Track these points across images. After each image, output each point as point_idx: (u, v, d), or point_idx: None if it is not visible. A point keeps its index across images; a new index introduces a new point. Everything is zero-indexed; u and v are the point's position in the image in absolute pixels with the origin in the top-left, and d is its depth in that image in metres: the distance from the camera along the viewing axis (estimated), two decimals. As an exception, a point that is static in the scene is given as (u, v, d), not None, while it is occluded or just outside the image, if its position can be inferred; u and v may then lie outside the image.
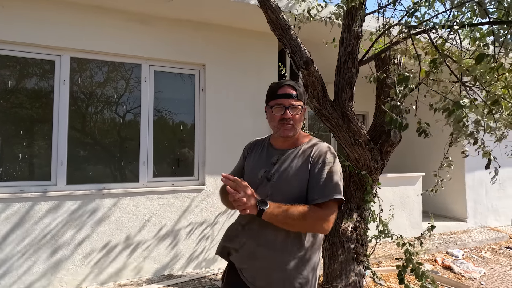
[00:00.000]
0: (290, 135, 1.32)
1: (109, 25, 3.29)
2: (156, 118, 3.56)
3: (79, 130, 3.30)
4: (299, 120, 1.33)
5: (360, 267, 2.57)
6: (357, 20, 2.10)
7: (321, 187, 1.23)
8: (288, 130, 1.31)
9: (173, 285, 3.09)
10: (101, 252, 3.13)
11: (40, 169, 3.10)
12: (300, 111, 1.32)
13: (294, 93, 1.30)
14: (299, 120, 1.33)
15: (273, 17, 2.16)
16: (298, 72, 2.30)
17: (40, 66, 3.17)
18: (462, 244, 4.58)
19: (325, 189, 1.23)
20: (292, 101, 1.29)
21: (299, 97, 1.31)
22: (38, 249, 2.92)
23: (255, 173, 1.37)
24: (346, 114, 2.30)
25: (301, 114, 1.33)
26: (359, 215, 2.61)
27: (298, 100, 1.31)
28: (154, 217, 3.35)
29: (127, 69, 3.49)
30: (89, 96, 3.35)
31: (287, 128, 1.31)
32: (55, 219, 2.99)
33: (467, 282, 3.47)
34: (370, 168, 2.52)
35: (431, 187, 2.52)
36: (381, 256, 3.99)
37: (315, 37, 3.64)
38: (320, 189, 1.23)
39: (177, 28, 3.57)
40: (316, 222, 1.20)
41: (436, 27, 1.59)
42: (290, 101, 1.29)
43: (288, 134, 1.32)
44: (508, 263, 4.10)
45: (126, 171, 3.44)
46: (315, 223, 1.20)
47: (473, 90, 1.85)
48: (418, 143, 5.93)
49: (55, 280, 2.96)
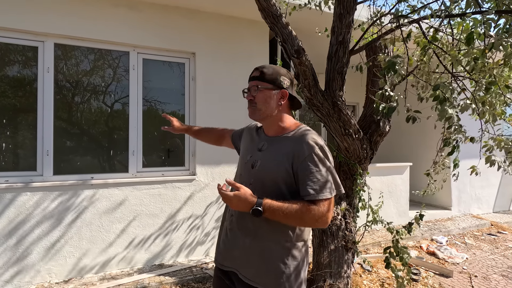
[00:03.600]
0: (253, 118, 1.32)
1: (95, 10, 3.17)
2: (145, 107, 3.49)
3: (65, 119, 3.22)
4: (264, 101, 1.28)
5: (349, 254, 2.63)
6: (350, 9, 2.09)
7: (313, 184, 1.17)
8: (250, 112, 1.31)
9: (164, 274, 3.10)
10: (91, 243, 3.10)
11: (25, 160, 3.02)
12: (258, 91, 1.28)
13: (256, 75, 1.30)
14: (263, 102, 1.28)
15: (264, 5, 2.13)
16: (290, 61, 2.29)
17: (22, 53, 3.05)
18: (446, 231, 4.74)
19: (318, 186, 1.17)
20: (253, 83, 1.30)
21: (261, 78, 1.29)
22: (25, 241, 2.87)
23: (244, 158, 1.38)
24: (337, 104, 2.31)
25: (265, 95, 1.28)
26: (348, 203, 2.66)
27: (261, 81, 1.28)
28: (145, 208, 3.33)
29: (115, 57, 3.40)
30: (75, 84, 3.25)
31: (249, 110, 1.31)
32: (42, 210, 2.94)
33: (450, 267, 3.61)
34: (360, 157, 2.55)
35: (423, 189, 2.56)
36: (369, 243, 4.09)
37: (307, 27, 3.61)
38: (313, 186, 1.17)
39: (166, 15, 3.47)
40: (316, 221, 1.17)
41: (426, 17, 1.60)
42: (252, 83, 1.30)
43: (250, 116, 1.31)
44: (489, 249, 4.28)
45: (115, 161, 3.39)
46: (315, 222, 1.18)
47: (463, 83, 1.88)
48: (406, 133, 6.04)
49: (44, 271, 2.93)
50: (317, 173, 1.18)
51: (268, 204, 1.13)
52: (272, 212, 1.14)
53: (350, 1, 2.17)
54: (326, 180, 1.19)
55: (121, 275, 3.10)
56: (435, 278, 3.33)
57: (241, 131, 1.59)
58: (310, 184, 1.17)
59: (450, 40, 1.95)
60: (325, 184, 1.19)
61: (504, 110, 2.12)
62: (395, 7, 2.01)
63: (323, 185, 1.18)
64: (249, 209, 1.13)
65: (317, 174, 1.18)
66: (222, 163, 3.70)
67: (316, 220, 1.16)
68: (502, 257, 4.00)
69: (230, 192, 1.14)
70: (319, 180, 1.18)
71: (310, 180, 1.17)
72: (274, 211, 1.14)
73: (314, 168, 1.18)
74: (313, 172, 1.18)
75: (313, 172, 1.18)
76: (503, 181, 6.18)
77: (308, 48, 2.36)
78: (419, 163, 5.59)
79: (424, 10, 1.73)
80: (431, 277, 3.36)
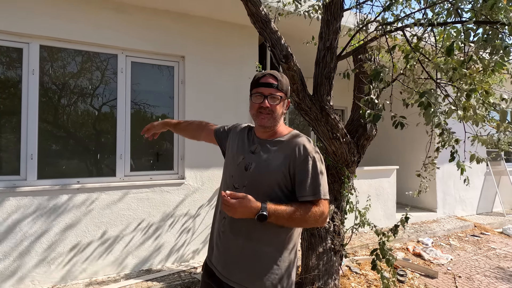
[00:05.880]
0: (266, 125, 1.30)
1: (83, 13, 3.13)
2: (134, 111, 3.46)
3: (51, 122, 3.15)
4: (279, 111, 1.31)
5: (337, 257, 2.66)
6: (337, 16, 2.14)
7: (312, 184, 1.23)
8: (265, 119, 1.29)
9: (152, 280, 3.06)
10: (76, 249, 3.04)
11: (8, 164, 2.94)
12: (279, 102, 1.30)
13: (275, 83, 1.29)
14: (279, 111, 1.31)
15: (253, 10, 2.15)
16: (278, 66, 2.31)
17: (6, 54, 2.98)
18: (431, 233, 4.84)
19: (317, 187, 1.24)
20: (272, 91, 1.28)
21: (280, 87, 1.30)
22: (7, 247, 2.79)
23: (235, 159, 1.37)
24: (325, 108, 2.35)
25: (281, 105, 1.31)
26: (336, 206, 2.69)
27: (279, 90, 1.30)
28: (132, 212, 3.28)
29: (103, 60, 3.36)
30: (62, 87, 3.20)
31: (265, 117, 1.29)
32: (26, 216, 2.86)
33: (435, 268, 3.69)
34: (347, 161, 2.59)
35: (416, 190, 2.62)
36: (357, 246, 4.14)
37: (295, 32, 3.66)
38: (312, 187, 1.23)
39: (155, 18, 3.46)
40: (317, 220, 1.23)
41: (410, 25, 1.65)
42: (270, 90, 1.28)
43: (265, 123, 1.30)
44: (472, 250, 4.39)
45: (102, 165, 3.33)
46: (315, 222, 1.24)
47: (445, 89, 1.95)
48: (393, 137, 6.16)
49: (27, 279, 2.84)
50: (315, 174, 1.25)
51: (273, 208, 1.16)
52: (277, 216, 1.16)
53: (337, 8, 2.22)
54: (323, 181, 1.27)
55: (108, 281, 3.04)
56: (421, 279, 3.40)
57: (227, 130, 1.56)
58: (309, 185, 1.23)
59: (433, 48, 2.02)
60: (323, 185, 1.25)
61: (485, 115, 2.20)
62: (380, 15, 2.07)
63: (322, 185, 1.25)
64: (254, 215, 1.14)
65: (315, 176, 1.25)
66: (211, 167, 3.69)
67: (316, 219, 1.22)
68: (484, 257, 4.11)
69: (235, 200, 1.13)
70: (317, 181, 1.24)
71: (309, 182, 1.23)
72: (278, 215, 1.16)
73: (312, 170, 1.25)
74: (312, 173, 1.24)
75: (312, 173, 1.24)
76: (486, 184, 6.37)
77: (297, 53, 2.40)
78: (406, 166, 5.71)
79: (407, 19, 1.79)
80: (417, 278, 3.42)
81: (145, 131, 1.78)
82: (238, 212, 1.13)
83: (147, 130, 1.77)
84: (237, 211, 1.13)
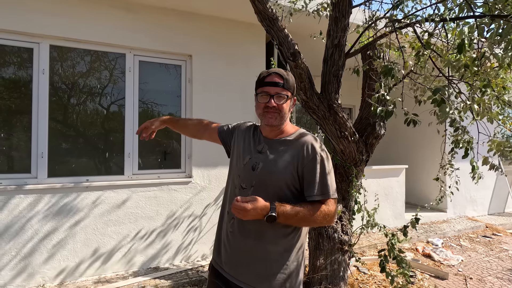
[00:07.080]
0: (274, 124, 1.29)
1: (92, 12, 3.16)
2: (141, 109, 3.48)
3: (60, 121, 3.19)
4: (286, 110, 1.29)
5: (345, 257, 2.63)
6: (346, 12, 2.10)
7: (320, 184, 1.23)
8: (272, 118, 1.27)
9: (159, 278, 3.08)
10: (85, 246, 3.08)
11: (19, 162, 3.00)
12: (285, 100, 1.28)
13: (281, 82, 1.26)
14: (285, 110, 1.29)
15: (260, 8, 2.14)
16: (286, 64, 2.30)
17: (18, 54, 3.03)
18: (441, 233, 4.76)
19: (325, 186, 1.24)
20: (278, 90, 1.26)
21: (286, 86, 1.27)
22: (18, 244, 2.84)
23: (242, 159, 1.36)
24: (333, 107, 2.32)
25: (287, 104, 1.30)
26: (344, 206, 2.66)
27: (285, 89, 1.28)
28: (140, 210, 3.31)
29: (111, 59, 3.39)
30: (71, 86, 3.24)
31: (272, 116, 1.27)
32: (37, 213, 2.91)
33: (445, 269, 3.62)
34: (356, 160, 2.56)
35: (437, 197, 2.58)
36: (365, 245, 4.10)
37: (303, 30, 3.63)
38: (321, 186, 1.23)
39: (163, 17, 3.47)
40: (325, 219, 1.23)
41: (420, 21, 1.62)
42: (276, 89, 1.26)
43: (272, 123, 1.28)
44: (484, 251, 4.30)
45: (111, 163, 3.37)
46: (324, 221, 1.24)
47: (457, 86, 1.90)
48: (402, 136, 6.08)
49: (38, 275, 2.89)
50: (323, 173, 1.25)
51: (282, 209, 1.15)
52: (286, 217, 1.15)
53: (345, 5, 2.18)
54: (331, 180, 1.27)
55: (116, 278, 3.07)
56: (431, 280, 3.34)
57: (231, 128, 1.53)
58: (318, 184, 1.23)
59: (444, 44, 1.97)
60: (331, 184, 1.26)
61: (500, 112, 2.12)
62: (389, 12, 2.03)
63: (330, 184, 1.25)
64: (263, 216, 1.13)
65: (323, 175, 1.25)
66: (218, 165, 3.69)
67: (325, 218, 1.22)
68: (497, 259, 4.02)
69: (248, 204, 1.11)
70: (325, 181, 1.24)
71: (318, 181, 1.23)
72: (287, 215, 1.16)
73: (320, 169, 1.24)
74: (320, 173, 1.24)
75: (320, 173, 1.24)
76: (498, 184, 6.23)
77: (304, 50, 2.37)
78: (415, 165, 5.62)
79: (416, 18, 1.75)
80: (427, 279, 3.37)
81: (140, 130, 1.61)
82: (250, 214, 1.12)
83: (144, 129, 1.61)
84: (249, 213, 1.12)
